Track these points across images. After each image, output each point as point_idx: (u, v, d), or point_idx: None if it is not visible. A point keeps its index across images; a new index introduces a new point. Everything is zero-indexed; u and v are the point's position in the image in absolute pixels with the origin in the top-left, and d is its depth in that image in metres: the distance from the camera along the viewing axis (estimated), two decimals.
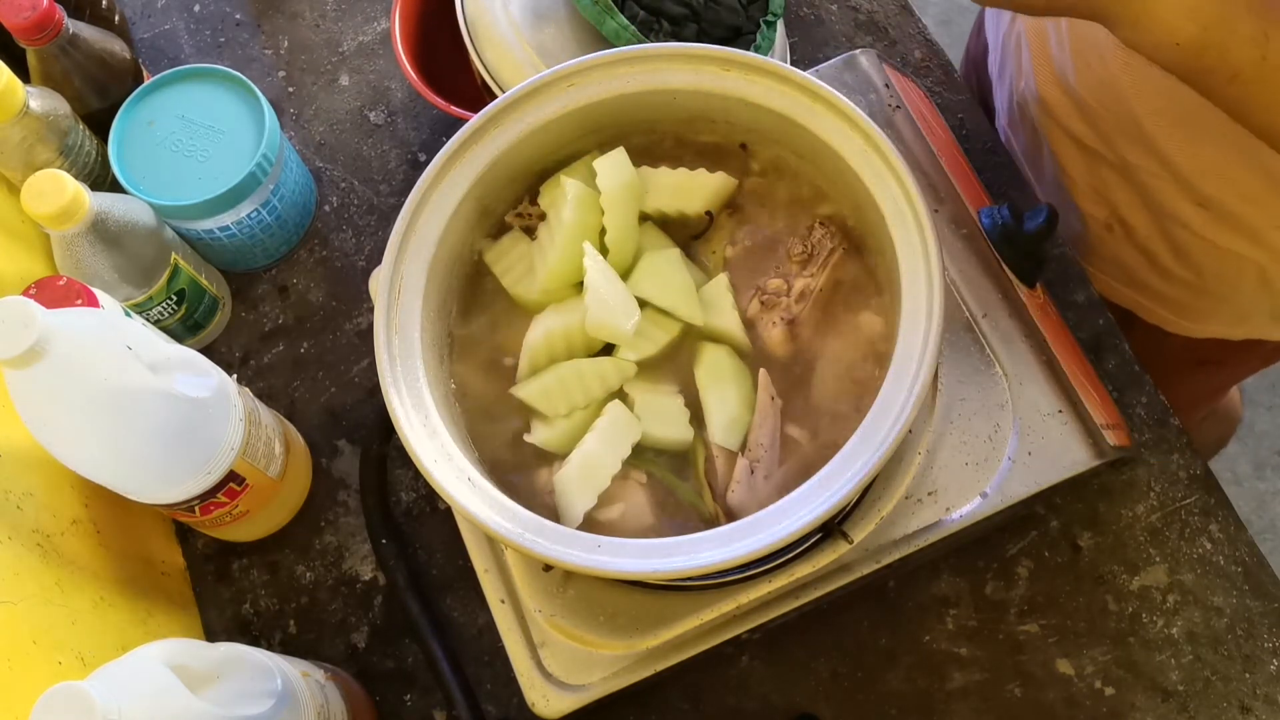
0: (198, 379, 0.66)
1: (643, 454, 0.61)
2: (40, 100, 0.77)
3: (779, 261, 0.63)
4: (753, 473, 0.59)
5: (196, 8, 0.98)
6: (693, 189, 0.64)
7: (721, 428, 0.60)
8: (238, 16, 0.97)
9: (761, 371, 0.61)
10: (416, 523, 0.79)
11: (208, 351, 0.85)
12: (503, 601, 0.65)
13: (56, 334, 0.56)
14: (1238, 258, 0.76)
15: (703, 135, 0.66)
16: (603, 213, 0.62)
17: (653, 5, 0.73)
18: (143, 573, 0.76)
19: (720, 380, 0.61)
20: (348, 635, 0.77)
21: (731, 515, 0.58)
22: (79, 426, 0.61)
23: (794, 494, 0.53)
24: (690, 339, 0.63)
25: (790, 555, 0.62)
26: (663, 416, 0.61)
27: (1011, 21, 0.85)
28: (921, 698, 0.71)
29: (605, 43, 0.73)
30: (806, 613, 0.65)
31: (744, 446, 0.60)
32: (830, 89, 0.59)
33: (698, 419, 0.61)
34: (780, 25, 0.80)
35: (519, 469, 0.62)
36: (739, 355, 0.62)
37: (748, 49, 0.72)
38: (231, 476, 0.69)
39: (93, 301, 0.71)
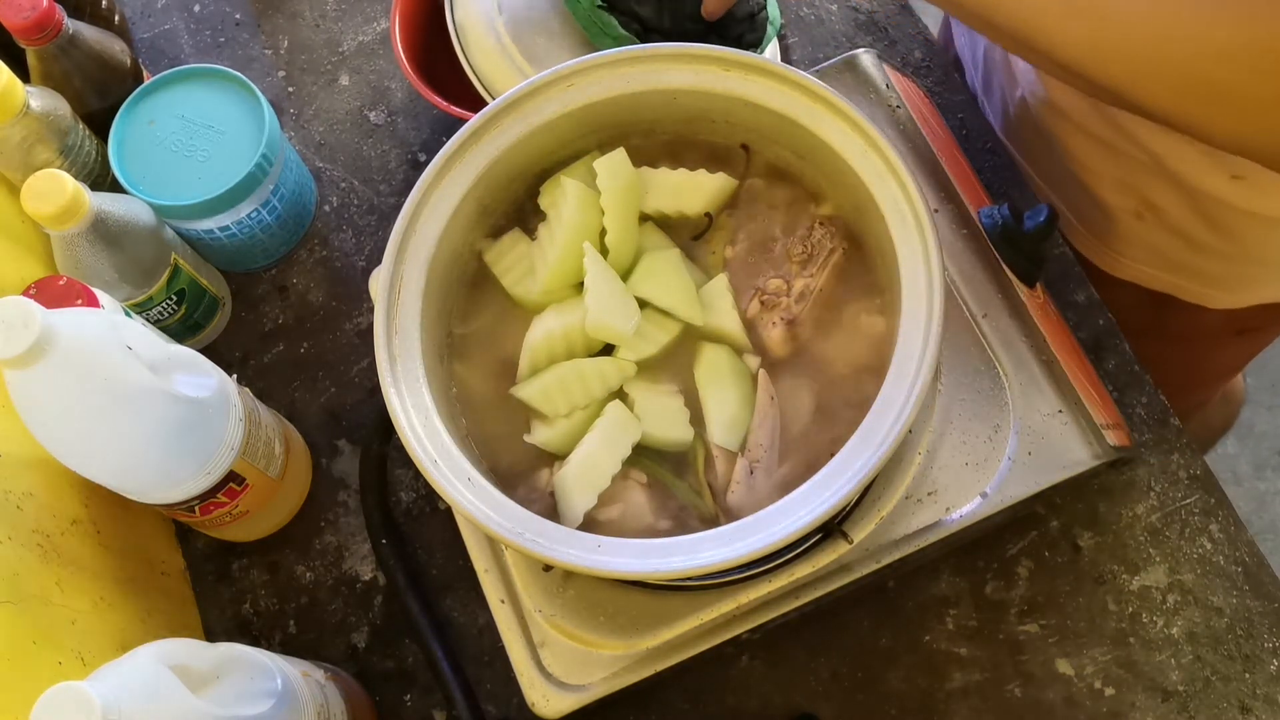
0: (198, 379, 0.66)
1: (643, 454, 0.61)
2: (40, 100, 0.77)
3: (779, 261, 0.63)
4: (752, 473, 0.59)
5: (196, 8, 0.98)
6: (693, 189, 0.64)
7: (721, 428, 0.60)
8: (238, 16, 0.97)
9: (761, 371, 0.61)
10: (416, 523, 0.79)
11: (208, 351, 0.85)
12: (503, 601, 0.65)
13: (56, 334, 0.56)
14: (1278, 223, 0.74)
15: (703, 135, 0.66)
16: (603, 213, 0.62)
17: (676, 30, 0.73)
18: (143, 573, 0.76)
19: (720, 380, 0.61)
20: (348, 635, 0.77)
21: (731, 515, 0.58)
22: (79, 426, 0.61)
23: (794, 494, 0.53)
24: (690, 339, 0.63)
25: (790, 555, 0.62)
26: (662, 416, 0.61)
27: None
28: (921, 698, 0.71)
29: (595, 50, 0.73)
30: (806, 613, 0.65)
31: (744, 446, 0.60)
32: (830, 89, 0.59)
33: (697, 419, 0.61)
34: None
35: (519, 469, 0.62)
36: (738, 355, 0.62)
37: (764, 25, 0.72)
38: (231, 476, 0.69)
39: (93, 301, 0.71)
